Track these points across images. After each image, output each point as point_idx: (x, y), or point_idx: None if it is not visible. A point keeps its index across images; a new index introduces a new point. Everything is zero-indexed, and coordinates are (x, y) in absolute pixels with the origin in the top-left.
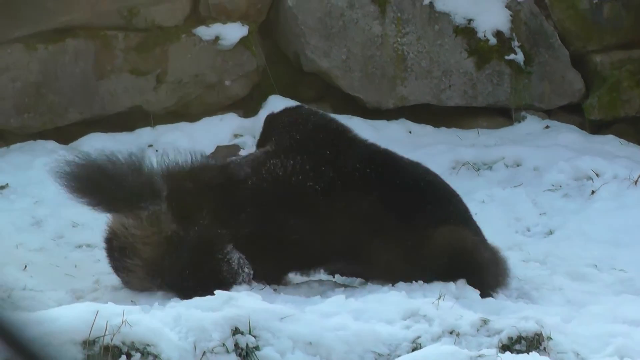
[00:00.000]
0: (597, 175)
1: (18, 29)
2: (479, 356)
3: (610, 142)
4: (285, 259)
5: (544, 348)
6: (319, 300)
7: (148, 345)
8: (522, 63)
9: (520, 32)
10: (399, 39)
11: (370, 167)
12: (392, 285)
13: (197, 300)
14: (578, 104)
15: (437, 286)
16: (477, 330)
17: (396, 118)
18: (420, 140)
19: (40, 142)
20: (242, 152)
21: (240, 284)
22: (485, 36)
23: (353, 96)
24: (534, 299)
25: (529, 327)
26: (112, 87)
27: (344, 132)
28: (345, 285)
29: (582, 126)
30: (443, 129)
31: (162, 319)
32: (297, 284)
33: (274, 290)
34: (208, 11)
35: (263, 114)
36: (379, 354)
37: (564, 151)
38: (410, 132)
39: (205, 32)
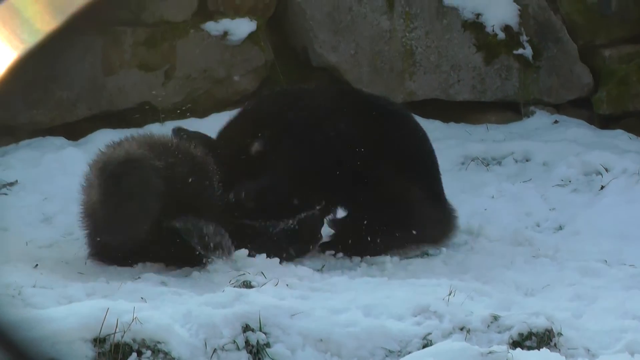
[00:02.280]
0: (606, 170)
1: None
2: (490, 352)
3: (619, 137)
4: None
5: (555, 344)
6: (329, 297)
7: (159, 342)
8: (530, 57)
9: (529, 27)
10: (407, 34)
11: None
12: (402, 281)
13: (207, 296)
14: (587, 99)
15: (447, 282)
16: (488, 326)
17: None
18: (430, 135)
19: (49, 139)
20: None
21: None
22: (493, 30)
23: None
24: (544, 295)
25: (539, 323)
26: (121, 83)
27: None
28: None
29: (590, 121)
30: (452, 124)
31: (172, 315)
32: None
33: (287, 285)
34: (216, 6)
35: None
36: (389, 350)
37: (573, 146)
38: None
39: (214, 27)
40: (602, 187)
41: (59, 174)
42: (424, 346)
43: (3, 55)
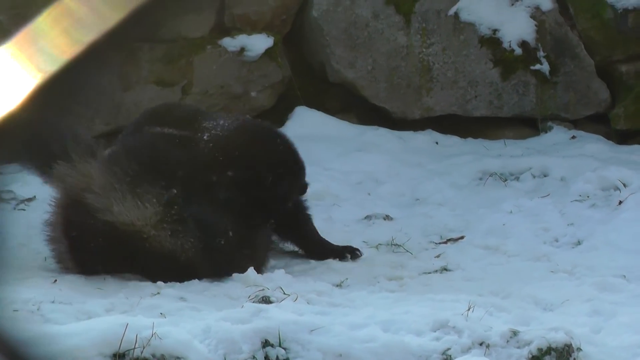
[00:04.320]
0: (624, 185)
1: None
2: None
3: (636, 152)
4: None
5: (574, 359)
6: (348, 312)
7: (178, 357)
8: (547, 73)
9: (546, 42)
10: (424, 50)
11: None
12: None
13: (226, 311)
14: (604, 114)
15: (466, 297)
16: (507, 341)
17: (422, 129)
18: (447, 150)
19: None
20: None
21: None
22: (510, 46)
23: (379, 107)
24: (562, 310)
25: (558, 338)
26: (138, 98)
27: None
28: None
29: (608, 136)
30: (469, 139)
31: (191, 331)
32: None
33: (306, 300)
34: (233, 22)
35: (290, 125)
36: None
37: (590, 161)
38: (437, 143)
39: (231, 43)
40: (620, 202)
41: None
42: None
43: (22, 83)
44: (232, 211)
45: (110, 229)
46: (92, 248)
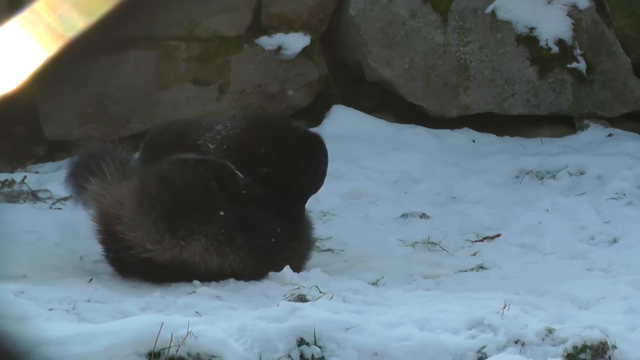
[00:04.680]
0: None
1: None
2: None
3: None
4: None
5: (609, 357)
6: (384, 311)
7: (213, 356)
8: (584, 71)
9: (582, 40)
10: (461, 48)
11: None
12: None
13: (261, 310)
14: None
15: (501, 295)
16: (542, 339)
17: (459, 127)
18: (484, 149)
19: None
20: None
21: None
22: (547, 45)
23: (415, 105)
24: (597, 308)
25: (593, 335)
26: (175, 98)
27: None
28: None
29: None
30: (506, 137)
31: (226, 329)
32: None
33: (342, 299)
34: (270, 21)
35: (326, 124)
36: None
37: (626, 159)
38: (473, 141)
39: (268, 42)
40: None
41: None
42: (479, 359)
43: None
44: (271, 207)
45: (147, 263)
46: (130, 271)
